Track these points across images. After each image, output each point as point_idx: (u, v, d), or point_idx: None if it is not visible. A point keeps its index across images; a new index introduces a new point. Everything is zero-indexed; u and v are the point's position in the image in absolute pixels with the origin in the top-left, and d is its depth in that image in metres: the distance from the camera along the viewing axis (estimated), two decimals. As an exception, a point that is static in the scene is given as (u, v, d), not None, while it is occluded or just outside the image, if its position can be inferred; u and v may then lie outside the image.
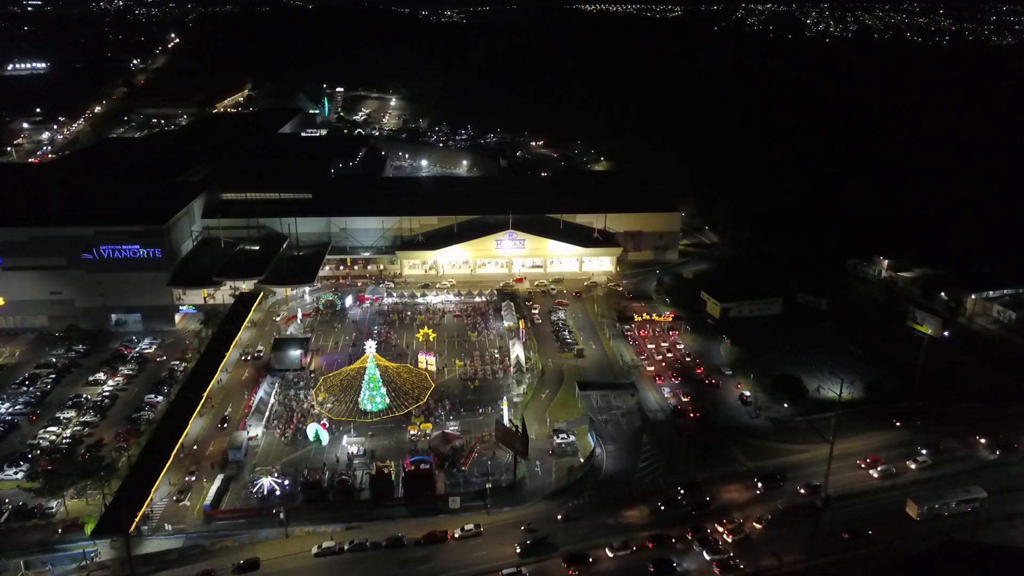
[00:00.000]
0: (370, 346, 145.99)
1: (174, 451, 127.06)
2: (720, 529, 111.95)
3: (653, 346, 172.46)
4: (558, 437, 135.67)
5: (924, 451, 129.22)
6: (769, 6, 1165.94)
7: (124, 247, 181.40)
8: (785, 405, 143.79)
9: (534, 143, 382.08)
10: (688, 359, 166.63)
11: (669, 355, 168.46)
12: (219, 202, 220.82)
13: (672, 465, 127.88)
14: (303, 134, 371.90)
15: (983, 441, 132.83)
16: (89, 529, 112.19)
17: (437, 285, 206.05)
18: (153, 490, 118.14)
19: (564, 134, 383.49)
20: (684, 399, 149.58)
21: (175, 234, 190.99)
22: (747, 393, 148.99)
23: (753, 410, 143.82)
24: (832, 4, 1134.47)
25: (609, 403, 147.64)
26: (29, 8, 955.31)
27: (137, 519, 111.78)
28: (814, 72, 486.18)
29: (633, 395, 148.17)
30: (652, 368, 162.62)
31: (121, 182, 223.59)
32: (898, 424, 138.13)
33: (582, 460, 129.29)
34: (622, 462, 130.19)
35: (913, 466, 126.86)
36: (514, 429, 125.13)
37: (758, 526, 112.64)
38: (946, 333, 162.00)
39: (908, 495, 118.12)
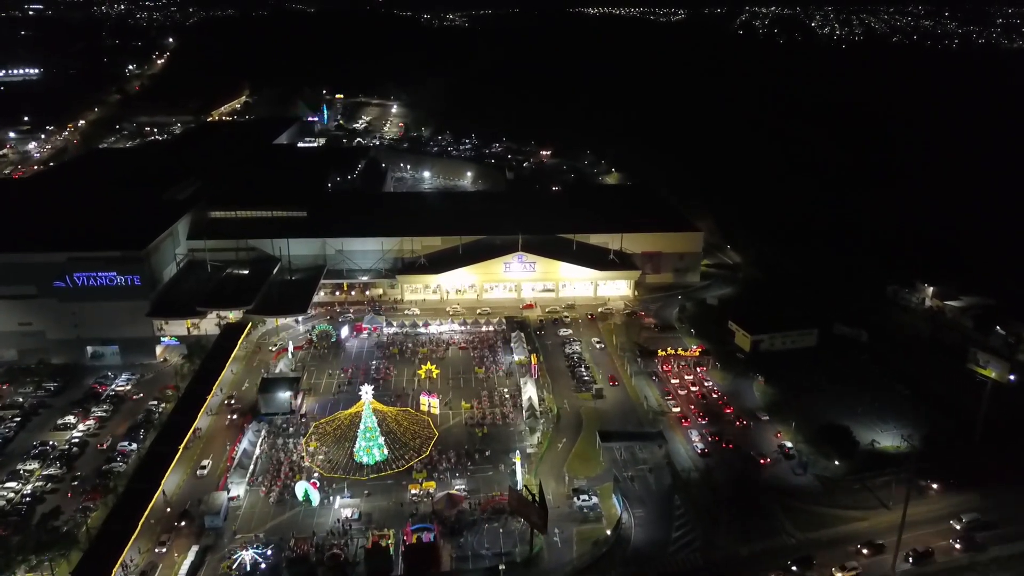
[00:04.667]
0: (366, 392, 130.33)
1: (142, 520, 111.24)
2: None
3: (677, 381, 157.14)
4: (579, 499, 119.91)
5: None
6: (773, 8, 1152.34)
7: (100, 274, 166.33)
8: (836, 462, 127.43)
9: (542, 153, 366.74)
10: (715, 396, 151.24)
11: (694, 389, 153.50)
12: (207, 221, 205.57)
13: (710, 537, 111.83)
14: (300, 144, 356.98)
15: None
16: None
17: (411, 311, 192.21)
18: (115, 571, 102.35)
19: (572, 143, 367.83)
20: (712, 439, 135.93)
21: (156, 259, 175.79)
22: (788, 444, 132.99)
23: (798, 466, 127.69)
24: (836, 7, 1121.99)
25: (634, 456, 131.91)
26: (30, 12, 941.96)
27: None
28: (831, 79, 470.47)
29: (661, 446, 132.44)
30: (679, 409, 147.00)
31: (101, 200, 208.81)
32: (929, 484, 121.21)
33: (608, 533, 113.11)
34: (652, 531, 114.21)
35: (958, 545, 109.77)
36: (530, 499, 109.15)
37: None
38: (1012, 378, 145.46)
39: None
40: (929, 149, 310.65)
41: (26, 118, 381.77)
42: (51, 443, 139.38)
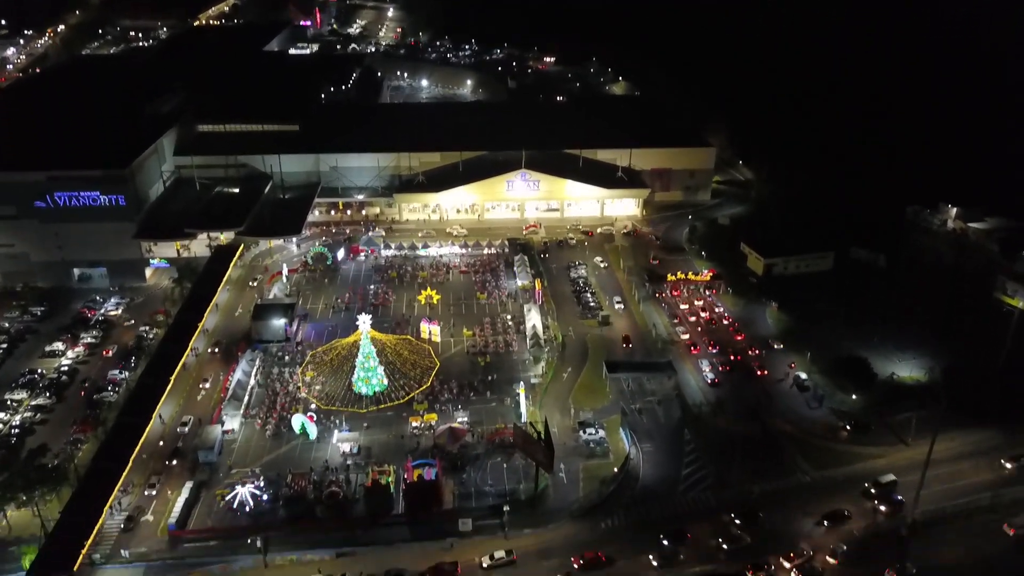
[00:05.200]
0: (363, 321, 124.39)
1: (132, 456, 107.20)
2: (787, 565, 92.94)
3: (686, 307, 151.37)
4: (585, 432, 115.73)
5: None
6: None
7: (82, 194, 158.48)
8: (853, 396, 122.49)
9: (545, 59, 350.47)
10: (726, 323, 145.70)
11: (704, 315, 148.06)
12: (194, 136, 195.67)
13: (722, 476, 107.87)
14: (292, 51, 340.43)
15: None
16: (27, 561, 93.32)
17: (377, 232, 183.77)
18: (106, 509, 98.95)
19: (577, 50, 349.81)
20: (723, 369, 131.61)
21: (141, 177, 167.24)
22: (803, 375, 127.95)
23: (813, 398, 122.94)
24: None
25: (642, 387, 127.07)
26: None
27: (84, 551, 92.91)
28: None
29: (671, 377, 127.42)
30: (688, 336, 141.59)
31: (82, 113, 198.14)
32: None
33: (616, 470, 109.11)
34: (662, 467, 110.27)
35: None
36: (535, 436, 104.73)
37: (832, 561, 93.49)
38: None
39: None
40: (952, 64, 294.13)
41: (3, 22, 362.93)
42: (39, 371, 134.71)
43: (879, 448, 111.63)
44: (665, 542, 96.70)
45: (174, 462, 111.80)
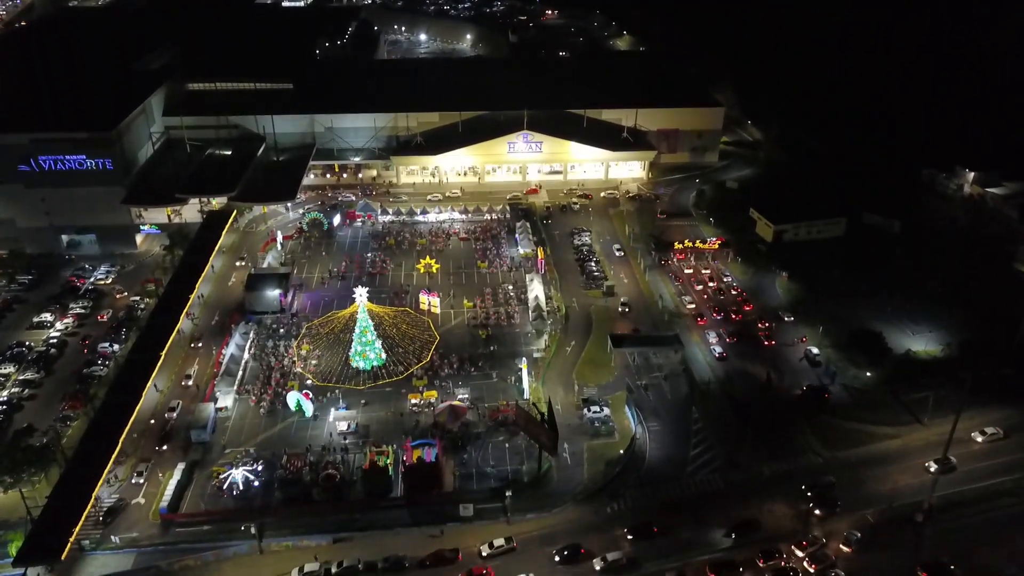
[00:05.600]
0: (360, 294, 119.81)
1: (122, 437, 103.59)
2: (799, 553, 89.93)
3: (691, 271, 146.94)
4: (589, 410, 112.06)
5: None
6: None
7: (67, 157, 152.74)
8: (868, 374, 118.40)
9: (547, 12, 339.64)
10: (735, 293, 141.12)
11: (712, 284, 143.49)
12: (184, 95, 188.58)
13: (731, 456, 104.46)
14: (285, 3, 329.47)
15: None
16: (14, 548, 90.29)
17: (344, 197, 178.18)
18: (94, 494, 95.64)
19: (580, 1, 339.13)
20: (730, 340, 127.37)
21: (129, 139, 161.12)
22: (815, 350, 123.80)
23: (825, 374, 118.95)
24: None
25: (648, 361, 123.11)
26: None
27: (72, 539, 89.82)
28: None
29: (677, 351, 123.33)
30: (693, 306, 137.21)
31: (68, 70, 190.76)
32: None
33: (621, 452, 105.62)
34: (669, 447, 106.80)
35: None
36: (538, 418, 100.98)
37: (846, 549, 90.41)
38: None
39: None
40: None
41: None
42: (27, 343, 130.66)
43: (894, 428, 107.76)
44: (556, 559, 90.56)
45: (164, 447, 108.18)
